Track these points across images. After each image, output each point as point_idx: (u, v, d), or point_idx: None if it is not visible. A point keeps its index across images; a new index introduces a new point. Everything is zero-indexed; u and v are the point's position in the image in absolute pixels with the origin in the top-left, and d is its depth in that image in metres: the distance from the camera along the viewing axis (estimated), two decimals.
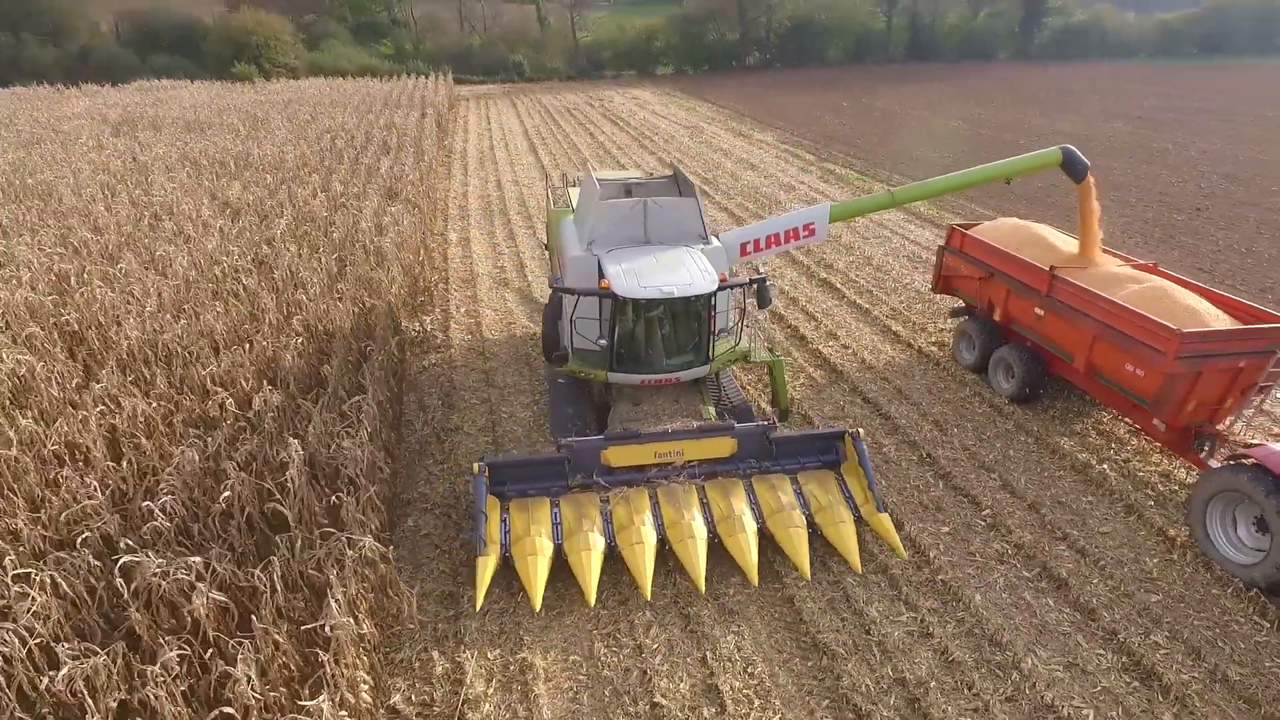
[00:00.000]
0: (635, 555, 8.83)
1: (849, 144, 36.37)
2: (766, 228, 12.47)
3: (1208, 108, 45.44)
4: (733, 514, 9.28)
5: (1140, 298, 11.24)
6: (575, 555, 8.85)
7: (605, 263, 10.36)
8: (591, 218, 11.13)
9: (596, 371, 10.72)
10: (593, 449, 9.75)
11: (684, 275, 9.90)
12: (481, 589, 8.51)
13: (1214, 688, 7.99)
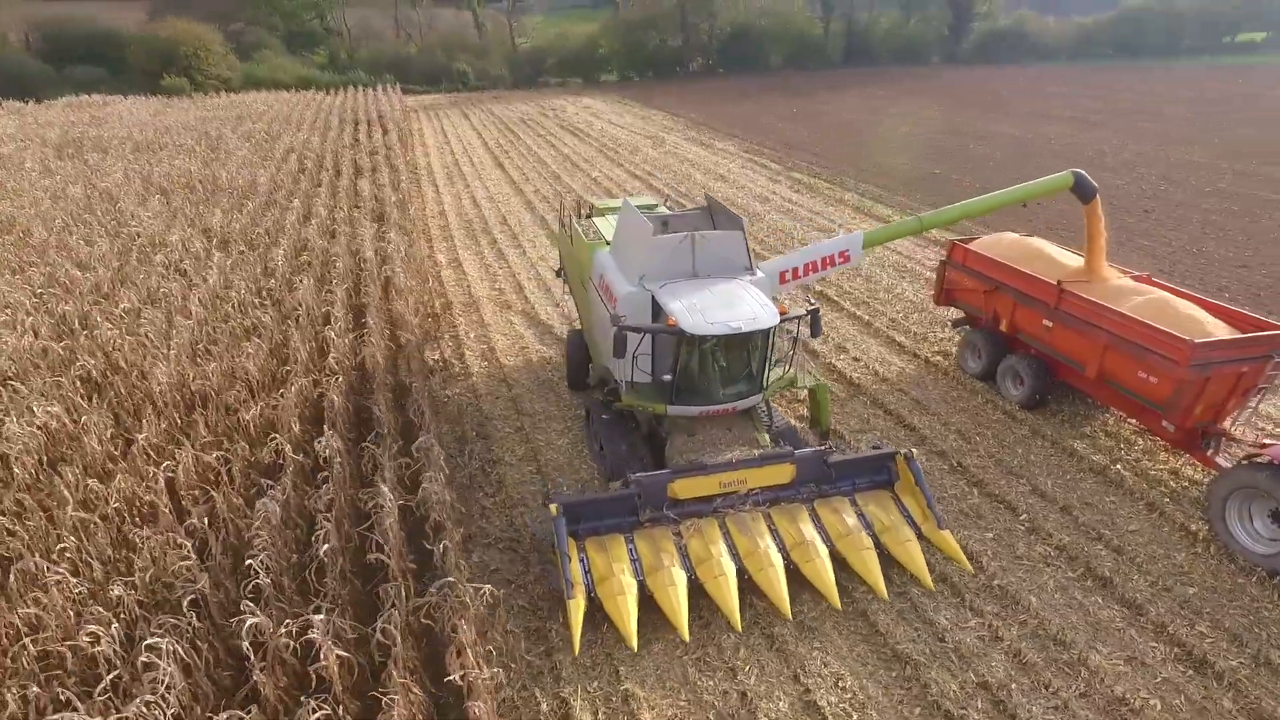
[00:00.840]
0: (720, 588, 9.10)
1: (810, 152, 37.38)
2: (804, 256, 12.95)
3: (1134, 109, 48.16)
4: (804, 540, 9.66)
5: (1146, 309, 12.14)
6: (662, 591, 9.05)
7: (663, 299, 10.47)
8: (641, 253, 11.11)
9: (655, 405, 10.83)
10: (660, 483, 9.93)
11: (746, 310, 10.15)
12: (576, 632, 8.63)
13: (1260, 671, 8.79)
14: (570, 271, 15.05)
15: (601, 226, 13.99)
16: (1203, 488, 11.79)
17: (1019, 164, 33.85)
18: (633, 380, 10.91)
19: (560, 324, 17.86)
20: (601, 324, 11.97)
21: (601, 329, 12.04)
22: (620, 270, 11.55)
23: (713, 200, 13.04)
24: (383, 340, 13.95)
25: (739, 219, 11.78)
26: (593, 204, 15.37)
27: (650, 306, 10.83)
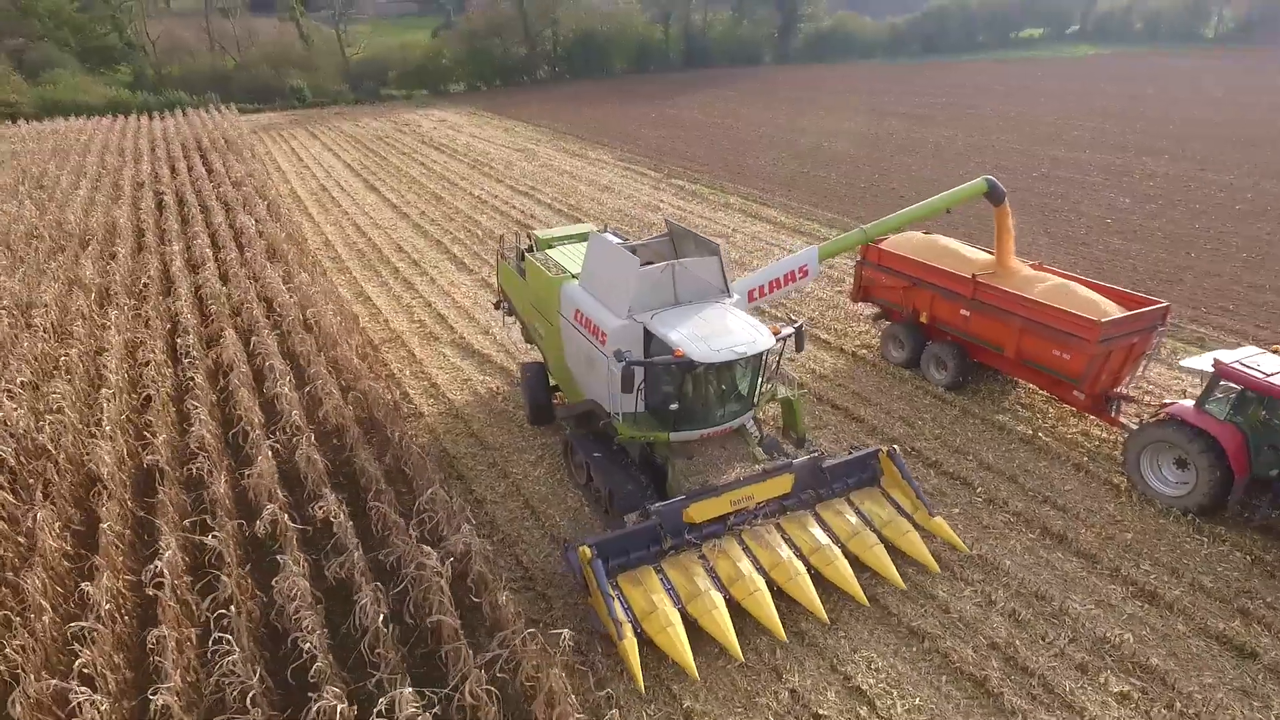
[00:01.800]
0: (759, 603, 9.51)
1: (682, 157, 38.65)
2: (768, 274, 13.58)
3: (954, 103, 53.24)
4: (819, 545, 10.30)
5: (1052, 294, 13.88)
6: (706, 616, 9.32)
7: (659, 330, 10.59)
8: (629, 285, 11.04)
9: (657, 435, 10.96)
10: (676, 510, 10.13)
11: (745, 334, 10.51)
12: (638, 671, 8.77)
13: (1197, 596, 10.45)
14: (523, 305, 14.59)
15: (559, 258, 13.71)
16: (1110, 445, 13.68)
17: (874, 160, 36.78)
18: (635, 411, 10.95)
19: (497, 352, 17.74)
20: (581, 359, 11.92)
21: (582, 364, 11.98)
22: (602, 304, 11.44)
23: (674, 226, 13.28)
24: (335, 389, 13.35)
25: (713, 244, 11.99)
26: (534, 235, 15.13)
27: (642, 338, 10.91)
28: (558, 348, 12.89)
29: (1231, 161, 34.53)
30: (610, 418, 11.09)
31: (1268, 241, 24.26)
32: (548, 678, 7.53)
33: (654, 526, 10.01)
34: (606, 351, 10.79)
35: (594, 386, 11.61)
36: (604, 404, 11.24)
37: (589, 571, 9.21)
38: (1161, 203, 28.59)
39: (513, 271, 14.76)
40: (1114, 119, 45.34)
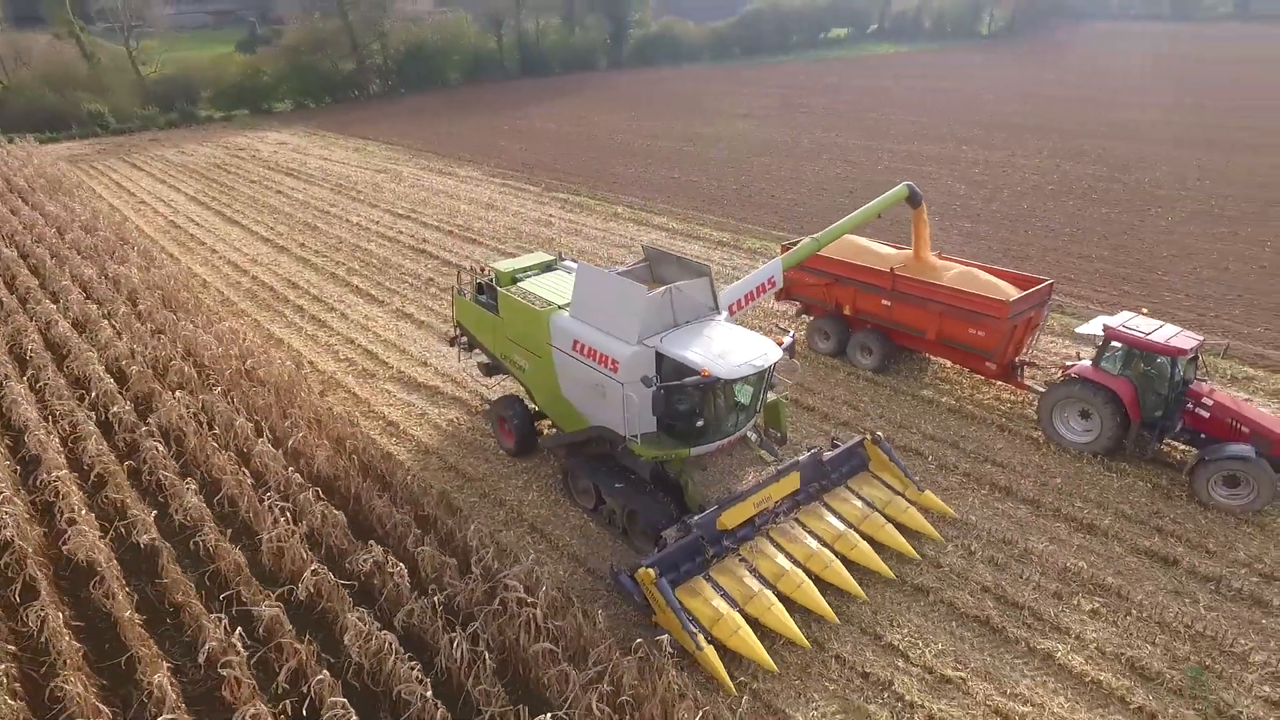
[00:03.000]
0: (807, 594, 10.48)
1: (552, 169, 39.14)
2: (743, 287, 14.33)
3: (786, 103, 57.12)
4: (840, 532, 11.41)
5: (960, 281, 15.95)
6: (767, 614, 10.12)
7: (674, 352, 11.05)
8: (639, 312, 11.38)
9: (678, 451, 11.43)
10: (711, 520, 10.78)
11: (756, 348, 11.29)
12: (724, 675, 9.42)
13: (1121, 522, 12.64)
14: (494, 340, 14.32)
15: (535, 290, 13.71)
16: (1020, 406, 15.97)
17: (734, 163, 38.99)
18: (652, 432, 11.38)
19: (444, 383, 17.69)
20: (583, 387, 12.09)
21: (585, 392, 12.13)
22: (606, 332, 11.65)
23: (652, 250, 13.89)
24: (325, 440, 13.03)
25: (701, 266, 12.66)
26: (494, 268, 15.04)
27: (654, 363, 11.36)
28: (548, 378, 12.94)
29: (1031, 147, 39.79)
30: (626, 441, 11.41)
31: (1082, 217, 28.47)
32: (659, 684, 8.12)
33: (697, 538, 10.55)
34: (621, 378, 11.16)
35: (603, 413, 11.83)
36: (616, 429, 11.55)
37: (654, 591, 9.67)
38: (990, 187, 32.63)
39: (475, 306, 14.64)
40: (928, 112, 50.58)
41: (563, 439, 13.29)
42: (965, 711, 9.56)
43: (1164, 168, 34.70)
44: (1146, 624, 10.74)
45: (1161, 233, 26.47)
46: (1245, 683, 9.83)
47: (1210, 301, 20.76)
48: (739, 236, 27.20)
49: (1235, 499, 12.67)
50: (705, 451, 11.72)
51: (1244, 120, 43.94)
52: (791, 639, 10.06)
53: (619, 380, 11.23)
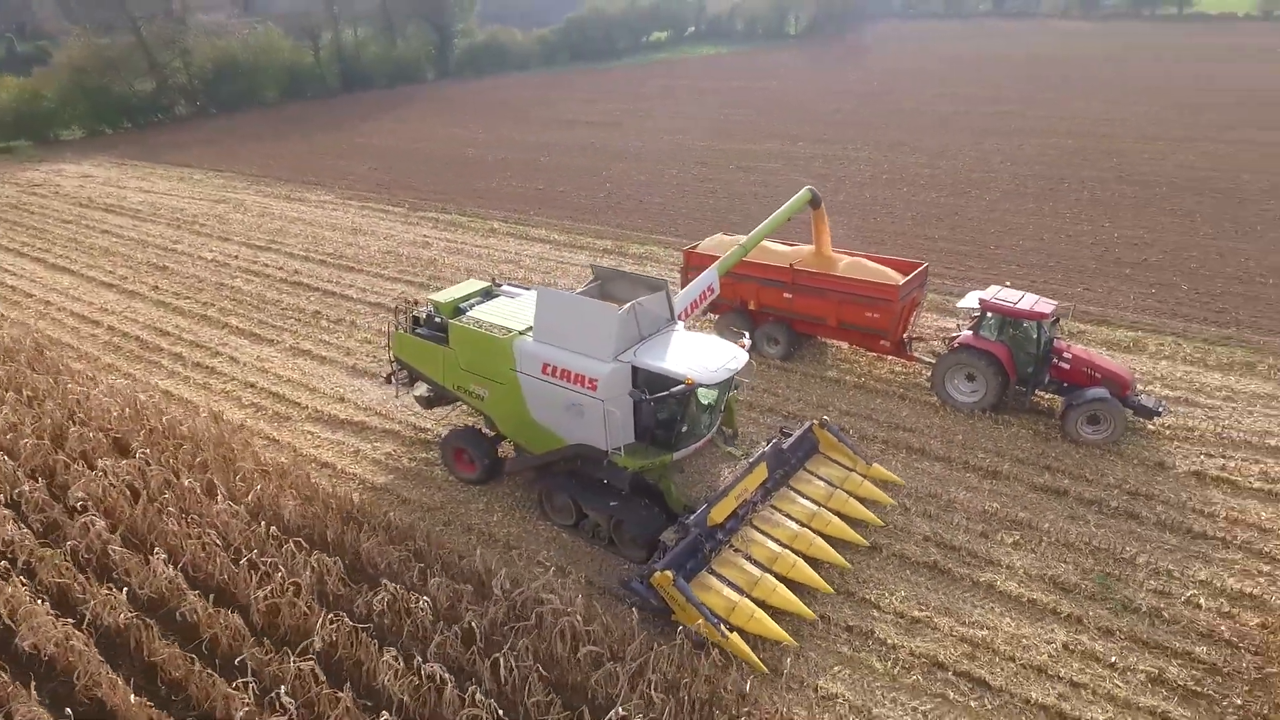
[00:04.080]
0: (801, 572, 11.47)
1: (407, 187, 38.32)
2: (688, 297, 14.87)
3: (626, 109, 58.74)
4: (813, 512, 12.53)
5: (853, 270, 17.78)
6: (772, 595, 10.98)
7: (652, 365, 11.64)
8: (612, 331, 11.82)
9: (661, 458, 12.02)
10: (703, 518, 11.48)
11: (725, 353, 12.11)
12: (753, 656, 10.17)
13: (1017, 467, 14.82)
14: (444, 371, 14.08)
15: (485, 318, 13.69)
16: (910, 376, 18.07)
17: (593, 170, 39.89)
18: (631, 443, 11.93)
19: (370, 416, 17.39)
20: (557, 409, 12.34)
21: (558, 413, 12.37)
22: (578, 353, 12.01)
23: (602, 269, 14.34)
24: (276, 489, 12.63)
25: (656, 281, 13.34)
26: (433, 300, 14.86)
27: (630, 378, 11.91)
28: (513, 404, 13.07)
29: (858, 140, 43.70)
30: (609, 455, 11.89)
31: (917, 202, 31.93)
32: (703, 664, 8.91)
33: (696, 537, 11.24)
34: (601, 395, 11.63)
35: (582, 430, 12.17)
36: (597, 444, 11.97)
37: (674, 592, 10.30)
38: (833, 180, 35.65)
39: (417, 340, 14.51)
40: (760, 112, 53.98)
41: (532, 461, 13.46)
42: (937, 644, 11.06)
43: (970, 154, 39.39)
44: (1056, 547, 12.81)
45: (984, 212, 30.28)
46: (1138, 580, 12.04)
47: (1037, 270, 24.21)
48: (621, 244, 28.18)
49: (1098, 434, 15.22)
50: (685, 455, 12.47)
51: (1022, 107, 50.43)
52: (798, 614, 11.02)
53: (599, 398, 11.68)
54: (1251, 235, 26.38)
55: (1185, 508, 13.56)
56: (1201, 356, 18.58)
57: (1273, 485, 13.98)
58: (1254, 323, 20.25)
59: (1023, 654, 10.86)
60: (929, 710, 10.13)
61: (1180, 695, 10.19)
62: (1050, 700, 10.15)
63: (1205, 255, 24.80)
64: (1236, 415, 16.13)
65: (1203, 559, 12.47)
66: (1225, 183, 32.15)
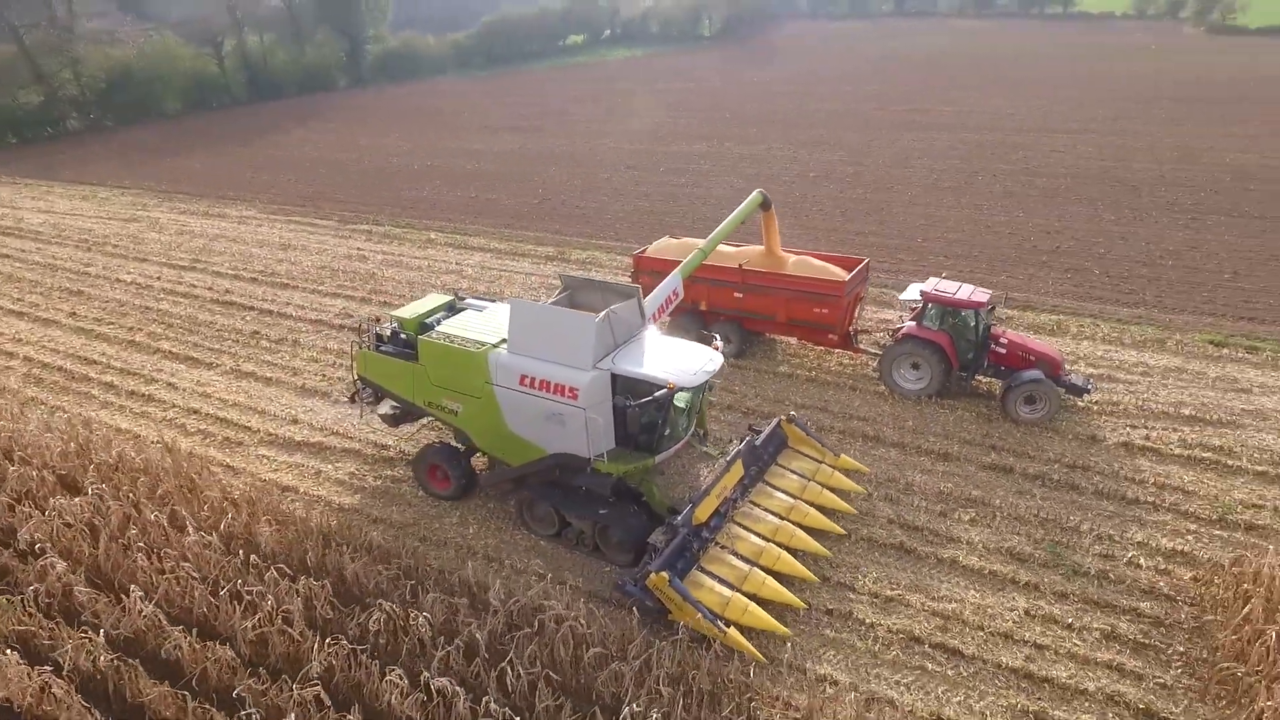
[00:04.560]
0: (787, 563, 11.90)
1: (335, 200, 37.41)
2: (655, 300, 14.86)
3: (546, 113, 58.64)
4: (791, 504, 12.98)
5: (799, 268, 18.45)
6: (762, 589, 11.35)
7: (632, 371, 11.84)
8: (590, 340, 11.94)
9: (644, 462, 12.24)
10: (689, 518, 11.73)
11: (701, 355, 12.42)
12: (751, 648, 10.53)
13: (965, 447, 15.75)
14: (414, 388, 13.86)
15: (455, 331, 13.62)
16: (857, 367, 18.88)
17: (523, 176, 39.81)
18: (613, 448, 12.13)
19: (327, 436, 17.06)
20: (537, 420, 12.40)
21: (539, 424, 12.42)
22: (556, 363, 12.10)
23: (570, 279, 14.28)
24: (249, 517, 12.36)
25: (626, 287, 13.43)
26: (396, 316, 14.47)
27: (610, 385, 12.10)
28: (490, 418, 13.05)
29: (781, 139, 44.95)
30: (592, 462, 12.06)
31: (844, 199, 33.14)
32: (704, 657, 9.25)
33: (685, 537, 11.50)
34: (583, 404, 11.75)
35: (563, 440, 12.26)
36: (579, 452, 12.12)
37: (670, 592, 10.56)
38: (762, 179, 36.50)
39: (383, 357, 14.30)
40: (683, 113, 54.80)
41: (510, 473, 13.45)
42: (911, 620, 11.71)
43: (889, 151, 41.07)
44: (1008, 521, 13.70)
45: (907, 206, 31.70)
46: (1084, 546, 13.02)
47: (963, 260, 25.57)
48: (563, 250, 28.29)
49: (1035, 413, 16.29)
50: (666, 457, 12.74)
51: (931, 104, 52.80)
52: (788, 604, 11.47)
53: (580, 406, 11.80)
54: (1148, 221, 28.51)
55: (1118, 476, 14.70)
56: (1118, 336, 20.06)
57: (1190, 451, 15.29)
58: (1159, 302, 21.99)
59: (989, 623, 11.62)
60: (911, 682, 10.75)
61: (1131, 648, 11.11)
62: (1018, 663, 10.91)
63: (1111, 241, 26.69)
64: (1153, 389, 17.53)
65: (1138, 522, 13.56)
66: (1121, 172, 34.57)
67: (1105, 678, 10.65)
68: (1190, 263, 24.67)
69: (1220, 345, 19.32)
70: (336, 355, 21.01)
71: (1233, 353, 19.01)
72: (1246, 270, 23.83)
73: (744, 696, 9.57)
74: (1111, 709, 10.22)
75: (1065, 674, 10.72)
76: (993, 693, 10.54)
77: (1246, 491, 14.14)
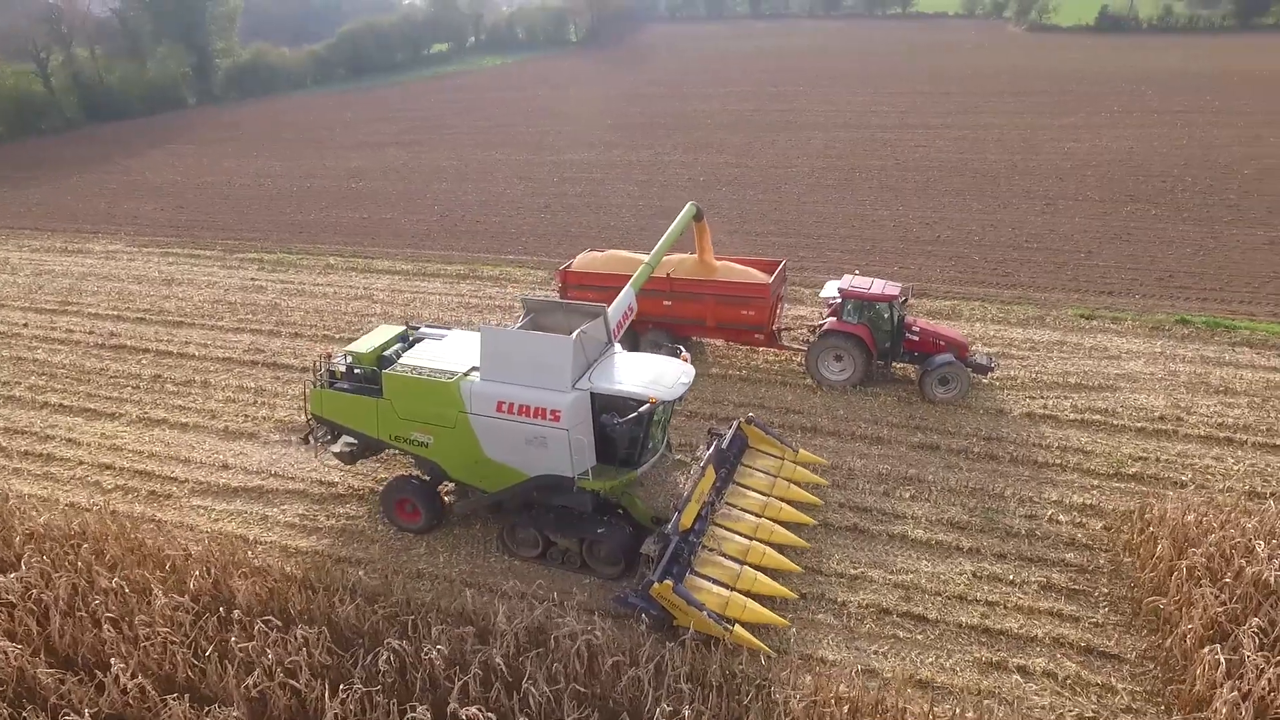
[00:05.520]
0: (772, 558, 12.60)
1: (212, 228, 35.40)
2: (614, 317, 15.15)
3: (420, 125, 57.39)
4: (765, 502, 13.70)
5: (724, 273, 19.36)
6: (756, 585, 11.96)
7: (612, 389, 12.18)
8: (567, 362, 12.17)
9: (627, 476, 12.55)
10: (676, 526, 12.09)
11: (674, 369, 12.84)
12: (758, 642, 11.04)
13: (894, 430, 17.11)
14: (378, 423, 13.64)
15: (417, 363, 13.48)
16: (781, 364, 20.03)
17: (413, 194, 38.92)
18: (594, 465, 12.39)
19: (261, 478, 16.42)
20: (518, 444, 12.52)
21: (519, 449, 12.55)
22: (533, 386, 12.28)
23: (533, 302, 14.38)
24: (221, 572, 11.88)
25: (592, 307, 13.62)
26: (351, 351, 14.11)
27: (590, 405, 12.37)
28: (465, 446, 13.02)
29: (667, 144, 46.06)
30: (575, 480, 12.33)
31: (740, 200, 34.53)
32: (714, 655, 9.84)
33: (677, 544, 11.91)
34: (565, 425, 12.01)
35: (544, 462, 12.44)
36: (563, 472, 12.35)
37: (675, 599, 10.97)
38: (657, 185, 37.60)
39: (342, 394, 13.98)
40: (566, 121, 55.04)
41: (486, 499, 13.52)
42: (876, 593, 12.74)
43: (769, 151, 43.07)
44: (943, 493, 15.07)
45: (796, 205, 33.50)
46: (1010, 509, 14.54)
47: (857, 254, 27.40)
48: (474, 267, 28.12)
49: (949, 393, 17.91)
50: (646, 469, 13.10)
51: (801, 103, 55.65)
52: (781, 595, 12.15)
53: (563, 427, 12.05)
54: (1010, 208, 31.52)
55: (1027, 444, 16.45)
56: (1004, 316, 22.25)
57: (1082, 415, 17.30)
58: (1033, 282, 24.50)
59: (944, 588, 12.83)
60: (887, 650, 11.73)
61: (1066, 595, 12.59)
62: (976, 620, 12.14)
63: (982, 229, 29.36)
64: (1041, 361, 19.63)
65: (1050, 483, 15.27)
66: (978, 164, 37.91)
67: (1049, 624, 12.03)
68: (1050, 244, 27.56)
69: (1089, 318, 21.83)
70: (255, 394, 20.15)
71: (1101, 324, 21.54)
72: (1098, 249, 26.91)
73: (753, 685, 10.20)
74: (1059, 650, 11.58)
75: (1016, 625, 12.03)
76: (959, 650, 11.69)
77: (1132, 447, 16.19)
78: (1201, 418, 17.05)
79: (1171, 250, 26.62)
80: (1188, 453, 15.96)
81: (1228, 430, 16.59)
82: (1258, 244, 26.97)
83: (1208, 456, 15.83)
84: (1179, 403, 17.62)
